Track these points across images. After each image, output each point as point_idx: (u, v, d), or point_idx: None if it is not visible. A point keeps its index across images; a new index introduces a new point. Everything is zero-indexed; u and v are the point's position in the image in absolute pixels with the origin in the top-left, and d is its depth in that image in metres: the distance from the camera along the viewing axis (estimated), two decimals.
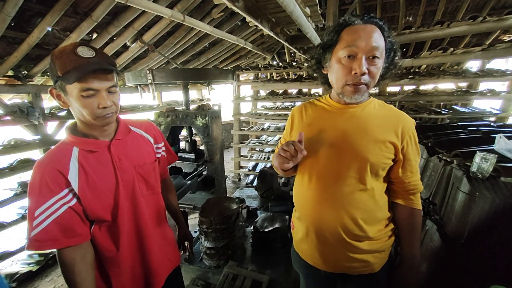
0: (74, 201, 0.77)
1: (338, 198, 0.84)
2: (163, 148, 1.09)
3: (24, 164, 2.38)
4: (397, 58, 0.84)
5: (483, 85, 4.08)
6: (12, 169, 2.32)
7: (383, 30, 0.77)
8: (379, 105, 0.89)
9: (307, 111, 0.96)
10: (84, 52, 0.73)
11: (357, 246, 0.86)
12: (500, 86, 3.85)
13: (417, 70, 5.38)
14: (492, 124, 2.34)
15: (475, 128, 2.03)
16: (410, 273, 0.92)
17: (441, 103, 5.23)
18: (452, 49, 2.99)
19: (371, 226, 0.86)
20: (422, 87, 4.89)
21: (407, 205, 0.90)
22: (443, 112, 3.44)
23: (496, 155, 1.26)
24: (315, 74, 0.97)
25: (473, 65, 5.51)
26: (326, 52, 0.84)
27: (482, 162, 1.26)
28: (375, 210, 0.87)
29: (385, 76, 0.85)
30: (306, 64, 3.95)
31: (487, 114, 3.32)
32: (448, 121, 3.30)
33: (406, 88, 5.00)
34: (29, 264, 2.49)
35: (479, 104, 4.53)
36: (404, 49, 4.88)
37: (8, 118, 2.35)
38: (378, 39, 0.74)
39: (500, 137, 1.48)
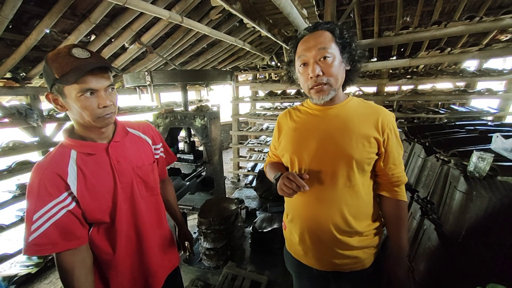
0: (73, 204, 0.77)
1: (328, 197, 0.87)
2: (162, 149, 1.09)
3: (23, 166, 2.39)
4: (355, 50, 0.86)
5: (481, 85, 4.10)
6: (11, 171, 2.32)
7: (333, 31, 0.83)
8: (358, 103, 0.92)
9: (292, 116, 1.00)
10: (79, 53, 0.73)
11: (347, 243, 0.88)
12: (497, 85, 3.87)
13: (415, 70, 5.41)
14: (489, 123, 2.34)
15: (472, 128, 2.04)
16: (398, 264, 0.94)
17: (439, 103, 5.26)
18: (449, 49, 3.00)
19: (360, 221, 0.89)
20: (420, 87, 4.90)
21: (392, 197, 0.93)
22: (441, 111, 3.45)
23: (493, 154, 1.27)
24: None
25: (470, 64, 5.54)
26: (291, 67, 0.95)
27: (479, 162, 1.27)
28: (363, 205, 0.90)
29: (354, 70, 0.89)
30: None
31: (485, 113, 3.33)
32: (445, 120, 3.32)
33: (404, 87, 5.02)
34: (28, 266, 2.48)
35: (476, 103, 4.55)
36: (402, 49, 4.91)
37: (6, 120, 2.35)
38: (325, 41, 0.80)
39: (497, 136, 1.49)
